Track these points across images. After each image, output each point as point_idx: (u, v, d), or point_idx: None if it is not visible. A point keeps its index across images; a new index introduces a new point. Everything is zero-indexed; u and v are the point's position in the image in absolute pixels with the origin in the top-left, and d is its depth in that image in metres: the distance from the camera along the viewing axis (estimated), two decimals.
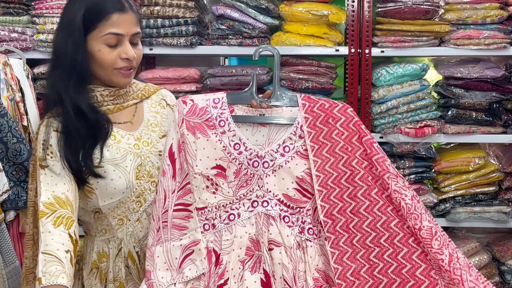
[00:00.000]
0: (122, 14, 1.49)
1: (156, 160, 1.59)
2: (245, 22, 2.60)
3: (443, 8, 2.63)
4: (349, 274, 1.41)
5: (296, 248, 1.47)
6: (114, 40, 1.49)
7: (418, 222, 1.39)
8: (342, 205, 1.45)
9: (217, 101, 1.51)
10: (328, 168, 1.46)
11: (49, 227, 1.38)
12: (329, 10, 2.56)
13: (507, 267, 2.78)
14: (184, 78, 2.68)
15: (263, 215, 1.49)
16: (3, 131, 2.14)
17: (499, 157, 2.82)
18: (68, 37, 1.48)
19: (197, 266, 1.44)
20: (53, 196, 1.43)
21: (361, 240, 1.43)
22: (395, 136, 2.64)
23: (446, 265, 1.35)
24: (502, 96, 2.65)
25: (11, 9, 2.68)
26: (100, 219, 1.58)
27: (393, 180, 1.43)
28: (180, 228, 1.47)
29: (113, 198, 1.54)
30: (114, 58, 1.51)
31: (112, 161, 1.53)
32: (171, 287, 1.43)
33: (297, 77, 2.65)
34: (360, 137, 1.47)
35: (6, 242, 2.17)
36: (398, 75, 2.59)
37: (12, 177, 2.19)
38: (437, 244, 1.37)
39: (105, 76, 1.54)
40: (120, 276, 1.59)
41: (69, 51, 1.48)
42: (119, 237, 1.59)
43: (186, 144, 1.48)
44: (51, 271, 1.32)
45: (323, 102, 1.52)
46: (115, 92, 1.58)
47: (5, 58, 2.38)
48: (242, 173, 1.49)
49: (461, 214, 2.73)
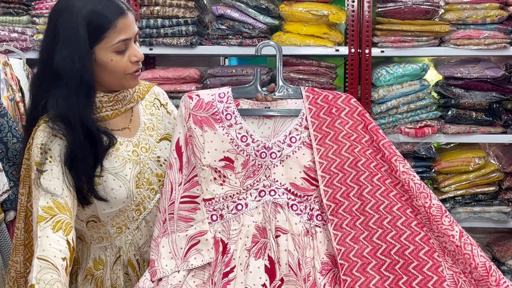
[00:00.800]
0: (125, 18, 1.46)
1: (154, 166, 1.58)
2: (245, 22, 2.60)
3: (443, 8, 2.63)
4: (352, 255, 1.42)
5: (304, 235, 1.49)
6: (123, 46, 1.46)
7: (428, 200, 1.42)
8: (345, 189, 1.47)
9: (223, 96, 1.55)
10: (331, 155, 1.49)
11: (48, 231, 1.32)
12: (329, 10, 2.56)
13: (507, 267, 2.78)
14: (184, 78, 2.68)
15: (271, 203, 1.51)
16: (3, 131, 2.14)
17: (499, 157, 2.82)
18: (74, 53, 1.40)
19: (203, 255, 1.46)
20: (52, 201, 1.37)
21: (364, 223, 1.44)
22: (395, 136, 2.64)
23: (457, 241, 1.37)
24: (502, 96, 2.65)
25: (11, 9, 2.68)
26: (97, 227, 1.55)
27: (400, 162, 1.46)
28: (186, 220, 1.48)
29: (113, 207, 1.50)
30: (126, 63, 1.47)
31: (111, 169, 1.50)
32: (174, 274, 1.44)
33: (297, 77, 2.66)
34: (366, 125, 1.51)
35: (6, 242, 2.17)
36: (398, 75, 2.59)
37: (12, 177, 2.19)
38: (447, 221, 1.39)
39: (115, 82, 1.50)
40: (118, 283, 1.57)
41: (77, 68, 1.40)
42: (117, 245, 1.56)
43: (194, 138, 1.51)
44: (46, 279, 1.26)
45: (326, 93, 1.56)
46: (114, 98, 1.54)
47: (5, 58, 2.38)
48: (249, 164, 1.52)
49: (461, 214, 2.74)
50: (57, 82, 1.42)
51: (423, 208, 1.41)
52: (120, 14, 1.44)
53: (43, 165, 1.41)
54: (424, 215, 1.42)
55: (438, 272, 1.37)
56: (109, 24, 1.43)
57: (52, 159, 1.42)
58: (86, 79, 1.41)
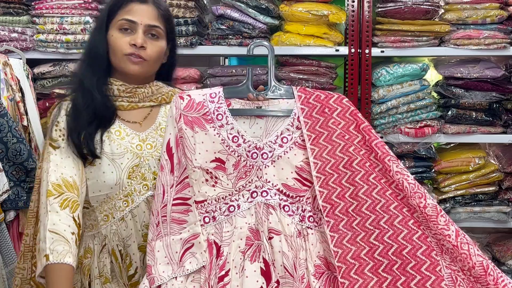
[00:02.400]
0: (141, 5, 1.58)
1: (154, 164, 1.60)
2: (245, 22, 2.60)
3: (443, 8, 2.63)
4: (349, 257, 1.41)
5: (296, 237, 1.48)
6: (126, 25, 1.57)
7: (423, 200, 1.40)
8: (340, 190, 1.46)
9: (214, 96, 1.53)
10: (326, 155, 1.48)
11: (56, 207, 1.45)
12: (329, 10, 2.56)
13: (507, 267, 2.78)
14: (184, 78, 2.68)
15: (263, 205, 1.50)
16: (3, 131, 2.14)
17: (499, 157, 2.82)
18: (95, 30, 1.63)
19: (198, 259, 1.45)
20: (62, 178, 1.49)
21: (360, 223, 1.43)
22: (395, 136, 2.64)
23: (453, 240, 1.36)
24: (502, 96, 2.65)
25: (11, 9, 2.67)
26: (88, 214, 1.61)
27: (393, 162, 1.44)
28: (179, 222, 1.47)
29: (101, 191, 1.57)
30: (124, 43, 1.57)
31: (110, 155, 1.56)
32: (172, 281, 1.44)
33: (297, 77, 2.66)
34: (358, 125, 1.50)
35: (6, 242, 2.17)
36: (398, 75, 2.59)
37: (12, 177, 2.19)
38: (443, 220, 1.38)
39: (117, 63, 1.59)
40: (105, 271, 1.60)
41: (95, 42, 1.60)
42: (103, 234, 1.60)
43: (185, 139, 1.50)
44: (58, 250, 1.39)
45: (318, 93, 1.54)
46: (131, 90, 1.61)
47: (5, 58, 2.38)
48: (241, 165, 1.50)
49: (461, 214, 2.74)
50: (84, 57, 1.64)
51: (418, 208, 1.40)
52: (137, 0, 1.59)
53: (56, 142, 1.54)
54: (420, 214, 1.41)
55: (436, 272, 1.37)
56: (123, 4, 1.58)
57: (64, 137, 1.55)
58: (100, 53, 1.58)
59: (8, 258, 2.17)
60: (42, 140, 2.54)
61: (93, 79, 1.57)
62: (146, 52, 1.58)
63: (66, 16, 2.60)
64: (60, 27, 2.59)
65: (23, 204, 2.23)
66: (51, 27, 2.60)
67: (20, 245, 2.30)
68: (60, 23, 2.60)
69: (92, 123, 1.56)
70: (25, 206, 2.25)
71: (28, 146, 2.21)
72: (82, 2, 2.61)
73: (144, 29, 1.58)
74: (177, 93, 1.60)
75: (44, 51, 2.63)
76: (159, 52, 1.62)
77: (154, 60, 1.62)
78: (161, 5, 1.63)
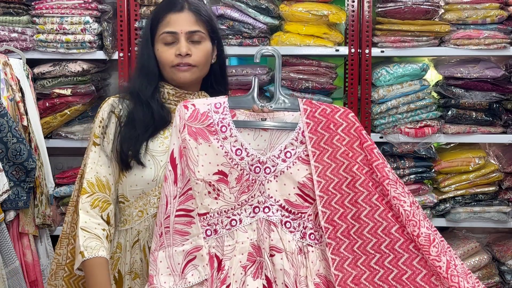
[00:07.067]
0: (176, 14, 1.62)
1: None
2: (245, 22, 2.60)
3: (443, 8, 2.63)
4: (350, 281, 1.41)
5: (297, 254, 1.47)
6: (169, 38, 1.61)
7: (417, 229, 1.39)
8: (343, 211, 1.44)
9: (219, 106, 1.51)
10: (329, 174, 1.46)
11: (87, 206, 1.56)
12: (329, 10, 2.56)
13: (507, 267, 2.78)
14: None
15: (264, 221, 1.49)
16: (3, 131, 2.14)
17: (499, 157, 2.82)
18: (143, 46, 1.69)
19: (200, 271, 1.44)
20: (96, 177, 1.59)
21: (362, 247, 1.43)
22: (395, 136, 2.64)
23: (443, 272, 1.36)
24: (502, 96, 2.65)
25: (11, 9, 2.68)
26: (124, 209, 1.65)
27: (392, 186, 1.43)
28: (182, 234, 1.46)
29: (138, 185, 1.61)
30: (170, 55, 1.61)
31: (152, 151, 1.61)
32: None
33: (297, 77, 2.66)
34: (361, 143, 1.47)
35: (6, 242, 2.17)
36: (398, 75, 2.59)
37: (12, 177, 2.19)
38: (435, 251, 1.37)
39: (167, 75, 1.65)
40: (135, 267, 1.63)
41: (145, 59, 1.66)
42: (137, 229, 1.63)
43: (188, 150, 1.48)
44: (92, 246, 1.51)
45: (324, 107, 1.51)
46: (181, 95, 1.67)
47: (5, 58, 2.38)
48: (244, 179, 1.48)
49: (461, 214, 2.73)
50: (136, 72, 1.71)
51: (412, 237, 1.40)
52: (171, 10, 1.62)
53: (98, 139, 1.62)
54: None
55: None
56: (160, 18, 1.64)
57: (107, 136, 1.62)
58: (149, 66, 1.65)
59: (8, 258, 2.17)
60: (42, 140, 2.54)
61: (149, 90, 1.63)
62: (192, 58, 1.62)
63: (66, 16, 2.60)
64: (60, 27, 2.59)
65: (23, 204, 2.23)
66: (51, 27, 2.60)
67: (20, 245, 2.32)
68: (60, 23, 2.60)
69: (148, 129, 1.61)
70: (25, 206, 2.25)
71: (28, 146, 2.21)
72: (82, 2, 2.61)
73: (186, 37, 1.61)
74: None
75: (44, 51, 2.63)
76: (206, 55, 1.65)
77: (203, 64, 1.66)
78: (197, 9, 1.65)
